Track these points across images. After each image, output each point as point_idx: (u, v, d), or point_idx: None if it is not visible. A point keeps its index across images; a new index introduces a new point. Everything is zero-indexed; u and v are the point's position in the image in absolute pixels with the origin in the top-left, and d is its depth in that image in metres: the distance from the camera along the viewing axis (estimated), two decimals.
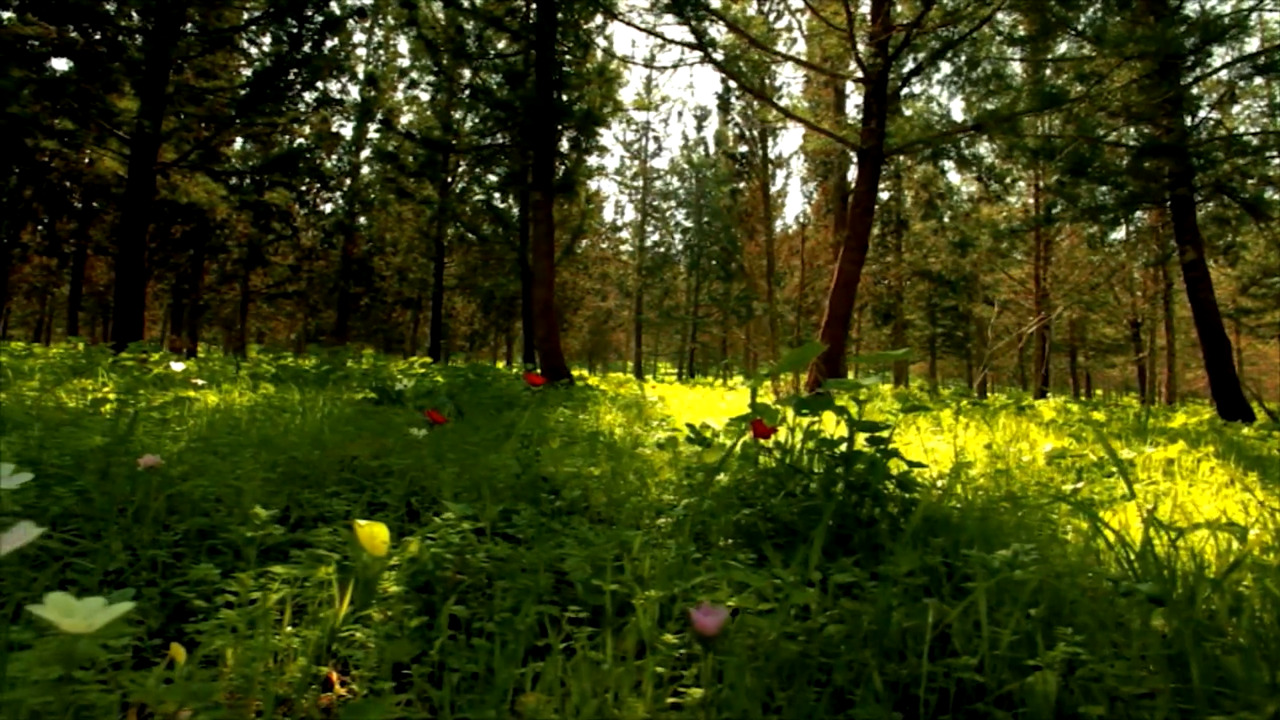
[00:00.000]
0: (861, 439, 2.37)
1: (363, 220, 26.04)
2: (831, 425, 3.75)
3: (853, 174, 22.22)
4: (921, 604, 1.37)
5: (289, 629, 1.28)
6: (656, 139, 36.82)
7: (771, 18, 14.23)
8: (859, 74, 7.99)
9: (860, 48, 7.66)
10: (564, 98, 11.59)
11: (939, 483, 2.75)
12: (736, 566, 1.60)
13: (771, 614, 1.28)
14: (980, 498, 2.61)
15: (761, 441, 2.51)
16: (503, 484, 2.46)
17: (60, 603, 0.64)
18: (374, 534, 1.61)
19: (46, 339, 30.62)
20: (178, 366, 5.43)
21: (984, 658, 1.07)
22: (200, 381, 5.64)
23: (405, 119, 23.10)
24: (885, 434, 2.42)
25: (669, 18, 8.33)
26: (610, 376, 21.74)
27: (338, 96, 16.26)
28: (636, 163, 33.21)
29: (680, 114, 46.74)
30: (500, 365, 21.93)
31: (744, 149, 22.81)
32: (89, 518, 1.94)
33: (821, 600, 1.32)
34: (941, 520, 2.22)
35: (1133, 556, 1.36)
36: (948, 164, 19.85)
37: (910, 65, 8.57)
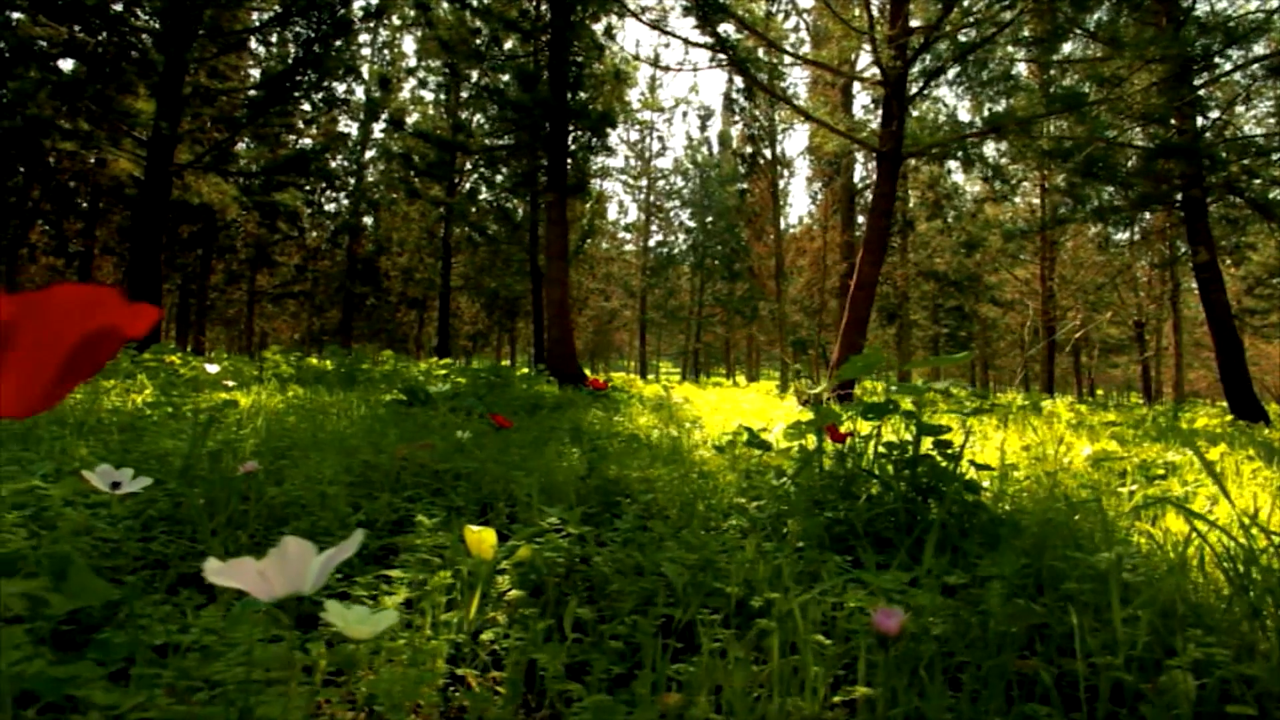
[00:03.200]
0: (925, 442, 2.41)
1: (368, 221, 26.08)
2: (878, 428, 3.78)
3: (858, 175, 22.31)
4: (1031, 606, 1.41)
5: (428, 631, 1.32)
6: (660, 139, 36.83)
7: (780, 18, 14.26)
8: (878, 76, 8.04)
9: (880, 50, 7.70)
10: (577, 98, 11.61)
11: (985, 483, 2.79)
12: (840, 568, 1.65)
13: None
14: (1027, 500, 2.65)
15: (826, 445, 2.55)
16: (570, 487, 2.49)
17: (338, 611, 0.68)
18: (483, 538, 1.65)
19: None
20: (212, 368, 5.46)
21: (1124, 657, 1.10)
22: (230, 383, 5.67)
23: (410, 119, 23.12)
24: (949, 437, 2.47)
25: (687, 20, 8.37)
26: (614, 377, 21.77)
27: (344, 97, 16.27)
28: (640, 162, 33.24)
29: (685, 114, 46.72)
30: (504, 364, 21.94)
31: (749, 149, 22.86)
32: (178, 521, 1.98)
33: (938, 602, 1.36)
34: (1007, 522, 2.26)
35: (1239, 561, 1.39)
36: (952, 164, 19.91)
37: (921, 67, 8.61)
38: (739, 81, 20.39)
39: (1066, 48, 11.86)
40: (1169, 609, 1.33)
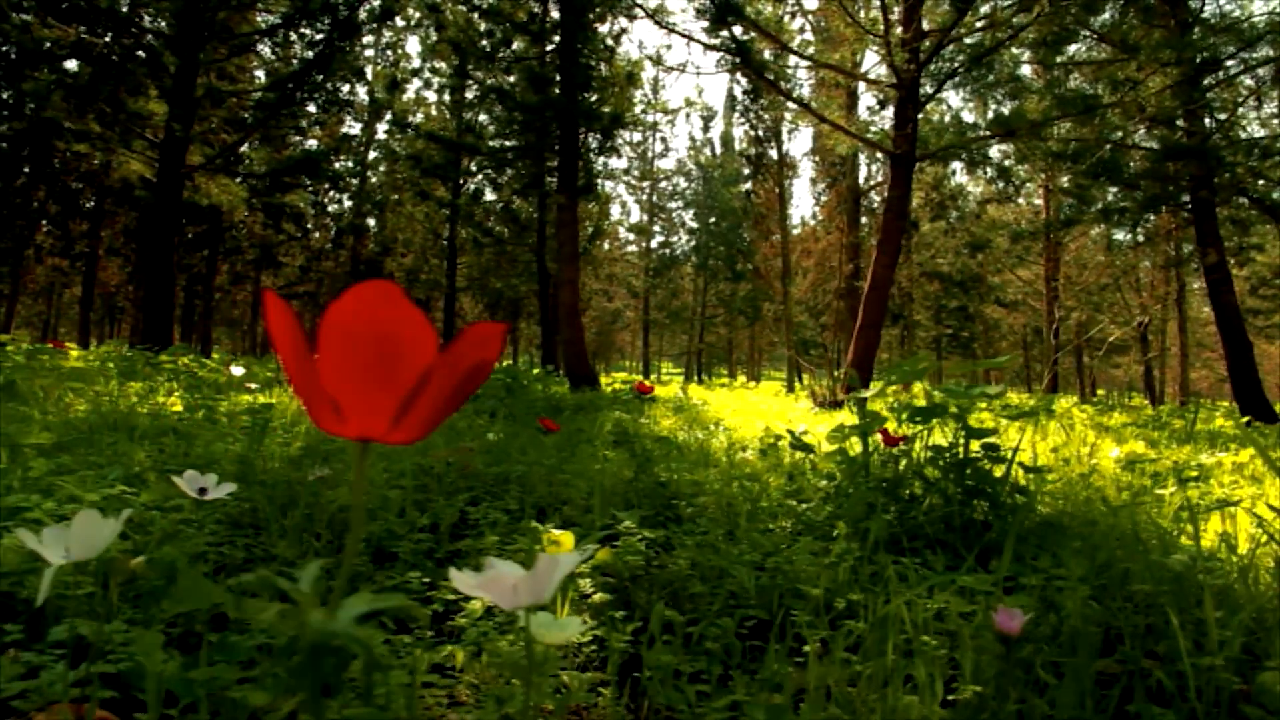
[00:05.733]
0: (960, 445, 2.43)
1: (370, 221, 26.12)
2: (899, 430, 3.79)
3: (862, 175, 22.37)
4: (1111, 607, 1.44)
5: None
6: (663, 140, 36.79)
7: (786, 19, 14.28)
8: (891, 79, 8.08)
9: (894, 54, 7.74)
10: (587, 100, 11.64)
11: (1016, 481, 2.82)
12: (909, 569, 1.68)
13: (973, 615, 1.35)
14: (1064, 503, 2.68)
15: (874, 450, 2.58)
16: (620, 490, 2.52)
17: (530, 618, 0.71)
18: (561, 542, 1.68)
19: (54, 339, 30.58)
20: (237, 370, 5.49)
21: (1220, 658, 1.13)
22: (253, 385, 5.70)
23: (415, 120, 23.13)
24: (995, 440, 2.50)
25: (699, 23, 8.42)
26: (616, 377, 21.82)
27: (347, 98, 16.29)
28: (642, 164, 33.24)
29: (688, 115, 46.75)
30: (508, 364, 21.93)
31: (754, 150, 22.91)
32: (238, 525, 2.00)
33: (1025, 603, 1.39)
34: (1057, 524, 2.29)
35: None
36: (956, 165, 19.97)
37: (927, 71, 8.64)
38: (743, 82, 20.43)
39: (1070, 49, 11.92)
40: (1256, 611, 1.36)
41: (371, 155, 25.60)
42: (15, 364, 5.26)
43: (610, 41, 12.99)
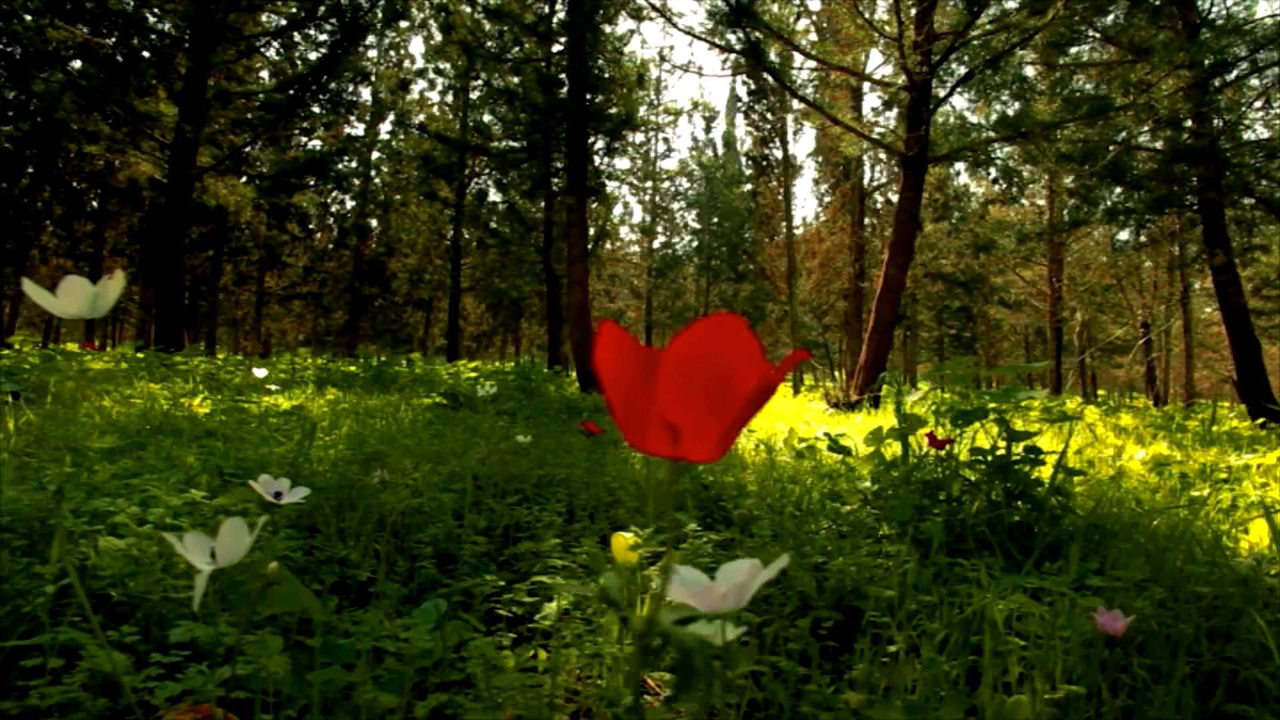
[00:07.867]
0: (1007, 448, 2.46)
1: (373, 222, 26.13)
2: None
3: (866, 178, 22.41)
4: (1187, 609, 1.47)
5: (614, 635, 1.37)
6: (666, 140, 36.81)
7: (791, 20, 14.31)
8: (904, 81, 8.12)
9: (907, 56, 7.78)
10: (595, 101, 11.67)
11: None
12: (985, 574, 1.70)
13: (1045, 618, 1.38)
14: (1097, 505, 2.70)
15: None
16: (664, 492, 2.54)
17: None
18: (628, 544, 1.70)
19: (57, 339, 30.56)
20: (260, 373, 5.52)
21: None
22: (273, 387, 5.72)
23: (417, 120, 23.16)
24: (1036, 442, 2.53)
25: (711, 24, 8.47)
26: None
27: (350, 99, 16.31)
28: (645, 164, 33.26)
29: (690, 116, 46.80)
30: (510, 365, 21.96)
31: (760, 151, 22.95)
32: (294, 526, 2.02)
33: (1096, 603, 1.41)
34: (1097, 525, 2.31)
35: None
36: (959, 165, 20.01)
37: (954, 72, 8.69)
38: (749, 83, 20.46)
39: (1073, 50, 11.96)
40: None
41: (375, 156, 25.63)
42: (36, 366, 5.28)
43: (617, 43, 13.02)
